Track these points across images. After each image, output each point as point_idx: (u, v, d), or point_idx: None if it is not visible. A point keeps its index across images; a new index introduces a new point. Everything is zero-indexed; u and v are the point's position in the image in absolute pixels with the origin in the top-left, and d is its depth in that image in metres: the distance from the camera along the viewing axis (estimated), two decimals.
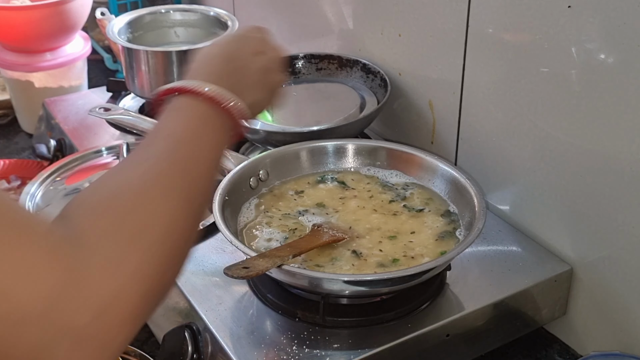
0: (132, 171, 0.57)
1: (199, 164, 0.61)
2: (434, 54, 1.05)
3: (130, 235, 0.51)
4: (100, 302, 0.47)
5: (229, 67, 0.71)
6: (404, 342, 0.79)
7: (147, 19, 1.38)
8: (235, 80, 0.69)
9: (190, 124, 0.63)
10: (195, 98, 0.65)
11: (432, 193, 0.94)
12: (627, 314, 0.86)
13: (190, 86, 0.65)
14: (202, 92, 0.65)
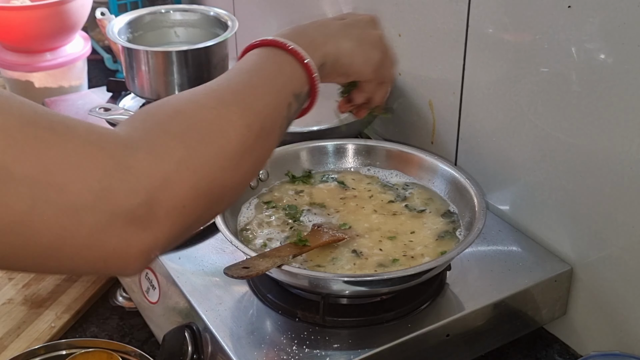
0: (199, 89, 0.62)
1: (265, 95, 0.64)
2: (434, 54, 1.05)
3: (175, 132, 0.55)
4: (148, 186, 0.51)
5: (309, 26, 0.75)
6: (404, 342, 0.79)
7: (147, 19, 1.38)
8: (313, 35, 0.73)
9: (263, 64, 0.67)
10: (272, 49, 0.69)
11: (432, 193, 0.94)
12: (627, 314, 0.86)
13: (267, 39, 0.69)
14: (277, 42, 0.69)
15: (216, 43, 1.26)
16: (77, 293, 1.07)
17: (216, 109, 0.59)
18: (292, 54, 0.69)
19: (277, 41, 0.69)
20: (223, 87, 0.63)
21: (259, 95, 0.64)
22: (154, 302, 0.93)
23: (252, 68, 0.67)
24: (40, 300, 1.05)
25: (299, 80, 0.69)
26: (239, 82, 0.64)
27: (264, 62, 0.68)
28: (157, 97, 1.27)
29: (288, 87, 0.68)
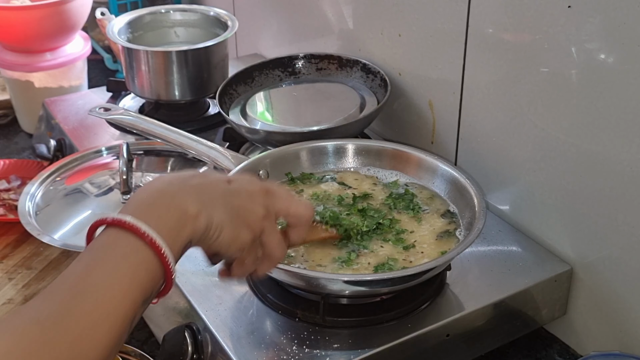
0: (20, 335, 0.51)
1: (99, 324, 0.53)
2: (434, 54, 1.05)
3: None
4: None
5: (185, 184, 0.63)
6: (404, 342, 0.79)
7: (147, 19, 1.38)
8: (186, 202, 0.61)
9: (103, 264, 0.56)
10: (121, 231, 0.57)
11: (432, 193, 0.94)
12: (627, 314, 0.86)
13: (114, 218, 0.58)
14: (128, 225, 0.57)
15: (216, 43, 1.26)
16: None
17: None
18: (149, 245, 0.57)
19: (135, 227, 0.57)
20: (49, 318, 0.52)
21: (99, 328, 0.53)
22: (154, 302, 0.92)
23: (91, 273, 0.55)
24: None
25: (151, 282, 0.58)
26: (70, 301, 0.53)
27: (109, 258, 0.56)
28: (157, 97, 1.28)
29: (137, 295, 0.56)
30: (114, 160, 1.15)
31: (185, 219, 0.60)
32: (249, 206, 0.67)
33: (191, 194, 0.62)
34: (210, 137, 1.10)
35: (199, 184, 0.64)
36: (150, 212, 0.59)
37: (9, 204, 1.24)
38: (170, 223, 0.59)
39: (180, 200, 0.61)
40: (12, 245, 1.17)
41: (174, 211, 0.60)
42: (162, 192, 0.61)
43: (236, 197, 0.66)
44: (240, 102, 1.19)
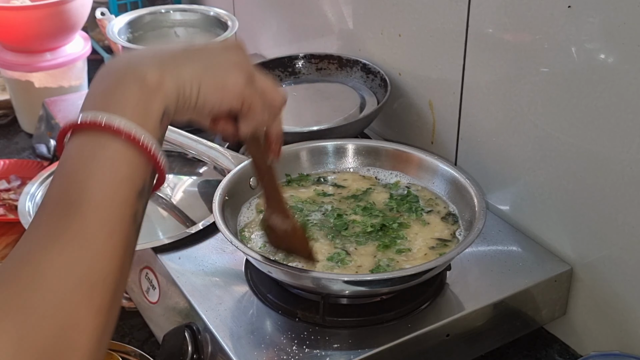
0: None
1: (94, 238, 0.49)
2: (434, 54, 1.05)
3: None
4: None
5: (134, 59, 0.54)
6: (404, 342, 0.79)
7: (147, 19, 1.38)
8: (140, 74, 0.53)
9: (76, 175, 0.50)
10: (89, 135, 0.51)
11: (432, 194, 0.93)
12: (627, 314, 0.86)
13: (81, 122, 0.51)
14: (94, 124, 0.50)
15: None
16: None
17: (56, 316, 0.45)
18: (115, 134, 0.50)
19: (94, 122, 0.50)
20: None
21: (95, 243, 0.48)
22: (154, 302, 0.93)
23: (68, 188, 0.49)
24: None
25: (136, 171, 0.51)
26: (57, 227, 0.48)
27: (81, 165, 0.50)
28: None
29: (126, 192, 0.50)
30: None
31: (147, 90, 0.52)
32: (222, 54, 0.58)
33: (146, 62, 0.53)
34: (210, 137, 1.10)
35: (153, 50, 0.56)
36: (106, 98, 0.51)
37: (9, 204, 1.24)
38: (132, 101, 0.51)
39: (135, 71, 0.52)
40: (12, 245, 1.17)
41: (132, 86, 0.52)
42: (112, 71, 0.53)
43: (204, 50, 0.57)
44: None
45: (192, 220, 0.99)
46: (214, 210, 0.84)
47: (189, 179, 1.12)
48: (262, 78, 0.62)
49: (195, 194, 1.07)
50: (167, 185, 1.09)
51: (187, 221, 1.00)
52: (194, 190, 1.09)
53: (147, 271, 0.94)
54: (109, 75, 0.53)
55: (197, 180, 1.11)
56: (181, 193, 1.08)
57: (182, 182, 1.11)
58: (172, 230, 0.97)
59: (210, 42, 0.61)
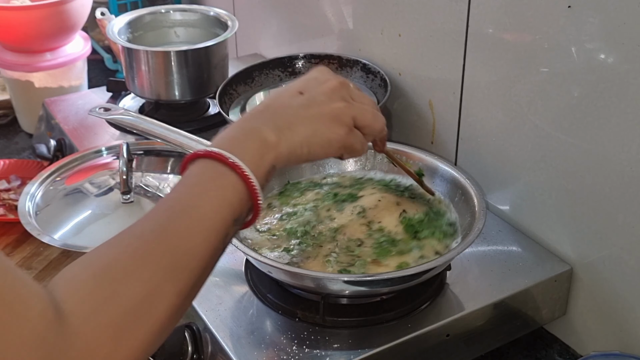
0: (126, 246, 0.57)
1: (195, 236, 0.58)
2: (434, 54, 1.05)
3: (114, 324, 0.52)
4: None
5: (260, 115, 0.68)
6: (404, 342, 0.79)
7: (147, 19, 1.38)
8: (262, 132, 0.65)
9: (195, 188, 0.61)
10: (211, 162, 0.62)
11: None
12: (627, 314, 0.86)
13: (208, 151, 0.62)
14: (217, 155, 0.62)
15: (216, 43, 1.26)
16: None
17: (147, 282, 0.55)
18: (233, 168, 0.61)
19: (221, 155, 0.62)
20: (151, 232, 0.57)
21: (194, 239, 0.58)
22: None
23: (186, 196, 0.61)
24: None
25: (239, 202, 0.62)
26: (169, 219, 0.59)
27: (201, 183, 0.61)
28: (157, 97, 1.28)
29: (227, 214, 0.61)
30: (114, 160, 1.15)
31: (265, 147, 0.64)
32: (328, 107, 0.70)
33: (267, 123, 0.66)
34: (210, 137, 1.08)
35: (273, 110, 0.68)
36: (234, 144, 0.63)
37: (9, 204, 1.24)
38: (252, 152, 0.63)
39: (259, 131, 0.65)
40: (12, 245, 1.17)
41: (254, 141, 0.64)
42: (242, 127, 0.66)
43: (313, 106, 0.69)
44: (240, 102, 1.19)
45: None
46: None
47: None
48: (363, 114, 0.72)
49: None
50: (167, 185, 1.09)
51: None
52: None
53: None
54: (241, 128, 0.66)
55: None
56: None
57: None
58: None
59: (316, 90, 0.71)
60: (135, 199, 1.04)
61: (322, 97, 0.70)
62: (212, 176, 0.62)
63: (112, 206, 1.04)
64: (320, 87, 0.72)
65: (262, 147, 0.64)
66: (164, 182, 1.09)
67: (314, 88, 0.71)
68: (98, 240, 1.01)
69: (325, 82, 0.72)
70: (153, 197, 1.06)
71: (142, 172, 1.11)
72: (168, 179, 1.12)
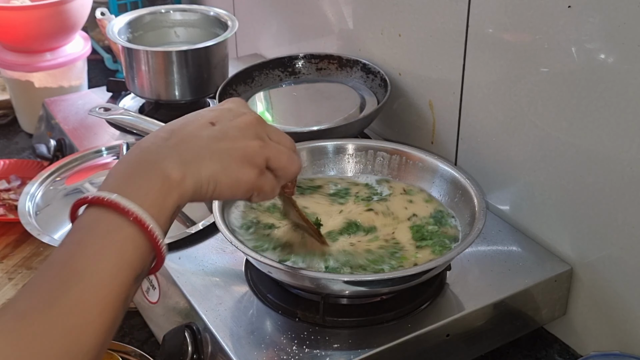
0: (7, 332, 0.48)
1: (89, 309, 0.51)
2: (434, 54, 1.05)
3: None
4: None
5: (163, 146, 0.59)
6: (404, 342, 0.79)
7: (147, 19, 1.38)
8: (165, 167, 0.57)
9: (86, 248, 0.52)
10: (102, 210, 0.54)
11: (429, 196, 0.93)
12: (627, 314, 0.86)
13: (92, 195, 0.54)
14: (107, 202, 0.53)
15: (216, 43, 1.26)
16: None
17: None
18: (131, 219, 0.54)
19: (115, 204, 0.53)
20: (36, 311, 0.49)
21: (89, 314, 0.50)
22: (154, 302, 0.93)
23: (75, 258, 0.52)
24: None
25: (140, 258, 0.55)
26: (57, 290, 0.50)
27: (92, 240, 0.53)
28: (157, 97, 1.28)
29: (126, 275, 0.53)
30: (114, 160, 1.15)
31: (168, 185, 0.56)
32: (241, 144, 0.62)
33: (172, 156, 0.58)
34: None
35: (179, 140, 0.60)
36: (131, 184, 0.55)
37: (9, 204, 1.24)
38: (153, 193, 0.55)
39: (161, 166, 0.57)
40: (12, 245, 1.17)
41: (155, 179, 0.56)
42: (140, 160, 0.58)
43: (224, 139, 0.62)
44: None
45: (192, 220, 0.99)
46: (214, 210, 0.84)
47: None
48: (278, 156, 0.66)
49: None
50: None
51: (187, 221, 1.00)
52: None
53: None
54: (137, 161, 0.57)
55: None
56: None
57: None
58: (172, 230, 0.96)
59: (230, 123, 0.64)
60: None
61: (235, 132, 0.63)
62: (106, 230, 0.53)
63: None
64: (235, 120, 0.64)
65: (164, 186, 0.56)
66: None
67: (227, 120, 0.64)
68: None
69: (240, 116, 0.65)
70: None
71: None
72: None
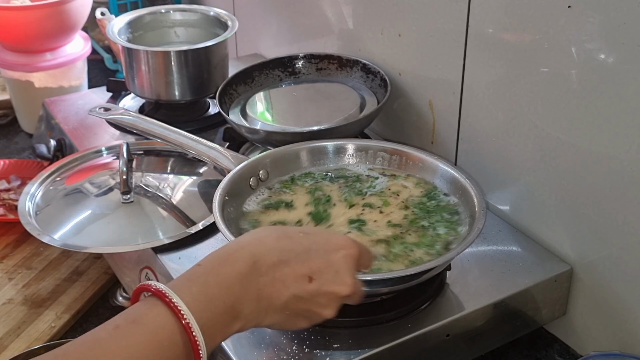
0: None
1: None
2: (434, 54, 1.05)
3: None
4: None
5: (246, 283, 0.61)
6: (404, 342, 0.79)
7: (147, 19, 1.38)
8: (240, 304, 0.60)
9: (133, 349, 0.55)
10: (164, 311, 0.57)
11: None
12: (627, 314, 0.86)
13: (164, 291, 0.57)
14: (175, 307, 0.57)
15: (216, 43, 1.26)
16: (77, 293, 1.07)
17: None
18: (187, 332, 0.57)
19: (176, 308, 0.57)
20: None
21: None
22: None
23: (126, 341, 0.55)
24: (40, 300, 1.05)
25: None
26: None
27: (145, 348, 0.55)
28: (157, 97, 1.28)
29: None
30: (114, 160, 1.15)
31: (235, 321, 0.61)
32: (316, 310, 0.66)
33: (252, 299, 0.61)
34: (210, 137, 1.10)
35: (269, 281, 0.62)
36: (208, 306, 0.59)
37: (9, 204, 1.24)
38: (220, 324, 0.59)
39: (240, 304, 0.61)
40: (12, 245, 1.17)
41: (228, 314, 0.60)
42: (229, 289, 0.61)
43: (306, 302, 0.65)
44: (240, 102, 1.19)
45: (192, 220, 0.99)
46: (214, 210, 0.84)
47: (189, 179, 1.12)
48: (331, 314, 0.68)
49: (195, 194, 1.07)
50: (167, 185, 1.09)
51: (187, 221, 1.00)
52: (194, 190, 1.09)
53: (147, 271, 0.94)
54: (225, 285, 0.60)
55: (197, 180, 1.11)
56: (181, 193, 1.08)
57: (182, 182, 1.11)
58: (172, 230, 0.97)
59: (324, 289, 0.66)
60: (135, 199, 1.04)
61: (323, 300, 0.65)
62: (160, 343, 0.56)
63: (112, 206, 1.04)
64: (331, 287, 0.66)
65: (230, 322, 0.60)
66: (164, 182, 1.10)
67: (326, 282, 0.65)
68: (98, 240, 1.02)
69: (339, 284, 0.66)
70: (153, 197, 1.06)
71: (142, 172, 1.11)
72: (168, 179, 1.12)
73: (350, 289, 0.66)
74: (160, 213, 1.03)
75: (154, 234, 0.97)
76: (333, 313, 0.67)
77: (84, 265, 1.13)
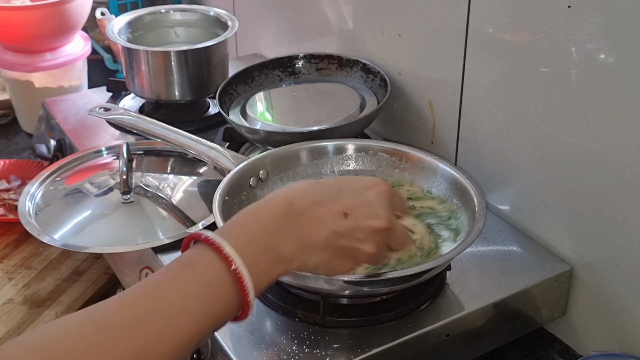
0: (83, 336, 0.53)
1: (164, 343, 0.54)
2: (434, 54, 1.05)
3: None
4: None
5: (284, 222, 0.63)
6: (404, 342, 0.79)
7: (147, 19, 1.38)
8: (285, 245, 0.62)
9: (185, 289, 0.57)
10: (211, 253, 0.59)
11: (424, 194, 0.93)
12: (627, 314, 0.86)
13: (209, 237, 0.59)
14: (219, 249, 0.59)
15: (216, 43, 1.26)
16: (77, 293, 1.07)
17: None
18: (237, 284, 0.58)
19: (225, 254, 0.58)
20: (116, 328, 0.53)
21: (162, 347, 0.54)
22: None
23: (170, 293, 0.57)
24: (40, 300, 1.05)
25: (226, 315, 0.59)
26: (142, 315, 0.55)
27: (193, 285, 0.57)
28: (157, 97, 1.28)
29: (208, 326, 0.58)
30: (114, 160, 1.15)
31: (279, 261, 0.62)
32: (358, 247, 0.68)
33: (292, 238, 0.63)
34: (210, 137, 1.10)
35: (307, 221, 0.65)
36: (250, 246, 0.60)
37: (9, 204, 1.24)
38: (264, 263, 0.61)
39: (281, 243, 0.63)
40: (12, 245, 1.18)
41: (271, 252, 0.62)
42: (268, 228, 0.63)
43: (346, 238, 0.67)
44: (240, 102, 1.19)
45: (192, 220, 0.99)
46: (214, 210, 0.84)
47: (189, 179, 1.12)
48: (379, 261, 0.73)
49: (195, 194, 1.07)
50: (167, 185, 1.09)
51: (187, 221, 1.00)
52: (194, 190, 1.09)
53: (147, 271, 0.94)
54: (265, 227, 0.62)
55: (197, 180, 1.11)
56: (181, 193, 1.08)
57: (182, 182, 1.11)
58: (172, 230, 0.97)
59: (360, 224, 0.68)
60: (135, 199, 1.04)
61: (360, 234, 0.68)
62: (209, 282, 0.58)
63: (112, 206, 1.04)
64: (367, 221, 0.68)
65: (275, 261, 0.62)
66: (164, 182, 1.10)
67: (360, 217, 0.68)
68: (98, 240, 1.02)
69: (374, 218, 0.69)
70: (153, 197, 1.06)
71: (142, 172, 1.11)
72: (168, 179, 1.12)
73: (385, 221, 0.69)
74: (160, 213, 1.03)
75: (154, 234, 0.97)
76: (374, 249, 0.69)
77: (84, 265, 1.13)
